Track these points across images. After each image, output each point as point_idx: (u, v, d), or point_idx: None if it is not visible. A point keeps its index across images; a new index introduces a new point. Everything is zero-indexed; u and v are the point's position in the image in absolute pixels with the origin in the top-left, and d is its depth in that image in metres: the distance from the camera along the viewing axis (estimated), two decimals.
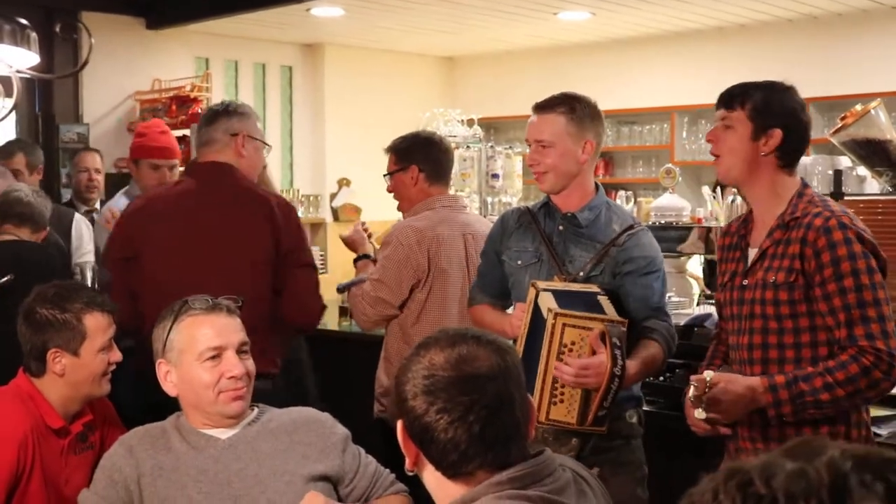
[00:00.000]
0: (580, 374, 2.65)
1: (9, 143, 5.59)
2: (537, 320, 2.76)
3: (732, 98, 2.66)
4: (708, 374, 2.50)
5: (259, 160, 3.63)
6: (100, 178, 5.73)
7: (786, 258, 2.58)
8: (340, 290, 4.12)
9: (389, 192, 3.99)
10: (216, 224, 3.39)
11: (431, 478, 1.73)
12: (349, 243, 4.14)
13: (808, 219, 2.56)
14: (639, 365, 2.80)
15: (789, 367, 2.57)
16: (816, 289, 2.53)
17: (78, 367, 2.72)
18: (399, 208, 4.02)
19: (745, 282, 2.67)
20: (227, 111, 3.58)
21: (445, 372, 1.66)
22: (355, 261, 4.06)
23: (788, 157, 2.66)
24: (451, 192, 4.24)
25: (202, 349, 2.43)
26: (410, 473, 1.77)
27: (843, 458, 0.91)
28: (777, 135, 2.61)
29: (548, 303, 2.70)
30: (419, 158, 3.87)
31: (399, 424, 1.72)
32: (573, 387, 2.68)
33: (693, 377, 2.54)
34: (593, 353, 2.66)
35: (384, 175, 3.98)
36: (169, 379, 2.47)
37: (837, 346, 2.52)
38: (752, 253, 2.69)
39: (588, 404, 2.70)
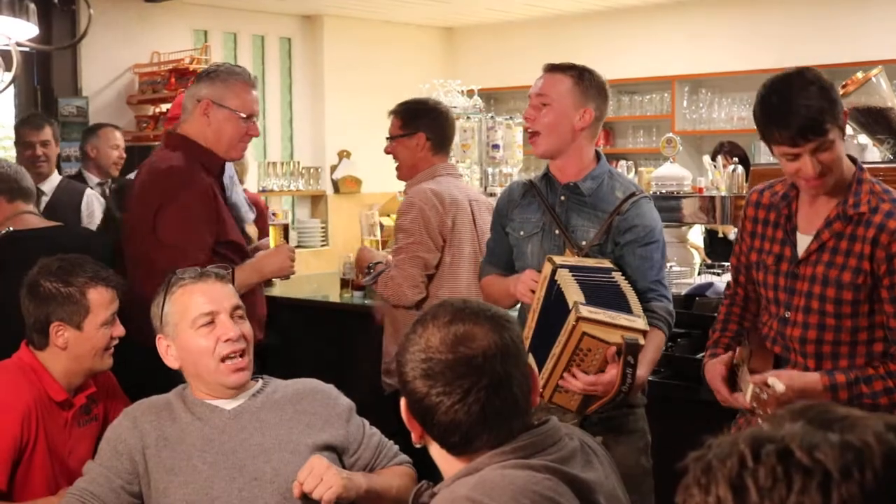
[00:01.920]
0: (587, 389, 2.66)
1: (37, 117, 5.64)
2: (556, 300, 2.73)
3: (819, 125, 2.43)
4: (777, 385, 2.40)
5: (228, 131, 3.35)
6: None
7: (852, 256, 2.51)
8: (368, 282, 4.09)
9: (388, 153, 3.99)
10: (132, 203, 3.49)
11: (437, 453, 1.74)
12: (358, 262, 4.18)
13: (880, 218, 2.49)
14: (646, 366, 2.80)
15: (843, 362, 2.54)
16: (884, 291, 2.49)
17: (80, 341, 2.73)
18: (398, 172, 4.02)
19: (798, 271, 2.59)
20: (200, 76, 3.44)
21: (442, 354, 1.65)
22: (369, 269, 4.02)
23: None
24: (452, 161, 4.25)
25: (195, 316, 2.44)
26: (418, 446, 1.78)
27: (886, 430, 0.91)
28: (843, 123, 2.51)
29: (573, 292, 2.66)
30: (427, 126, 3.87)
31: (402, 402, 1.73)
32: (580, 392, 2.69)
33: (756, 381, 2.44)
34: (605, 362, 2.65)
35: (387, 138, 3.98)
36: (170, 353, 2.49)
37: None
38: (804, 239, 2.61)
39: (590, 401, 2.72)
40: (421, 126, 3.88)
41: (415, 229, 3.76)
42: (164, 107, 7.50)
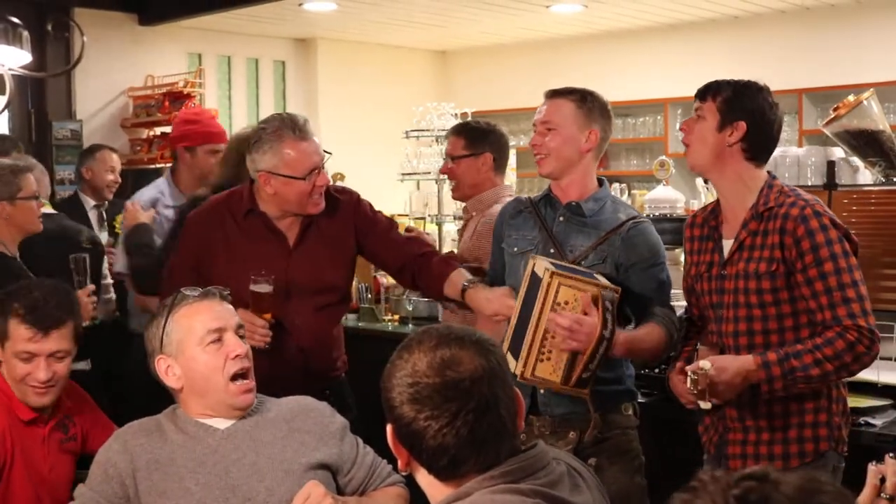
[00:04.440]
0: (573, 328, 2.64)
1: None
2: (533, 285, 2.77)
3: (706, 91, 2.84)
4: (706, 365, 2.57)
5: (293, 195, 3.16)
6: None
7: (765, 248, 2.72)
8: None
9: (443, 173, 4.07)
10: None
11: (424, 479, 1.74)
12: None
13: (784, 209, 2.71)
14: (635, 336, 2.83)
15: None
16: (798, 275, 2.68)
17: (5, 363, 2.79)
18: (457, 192, 4.06)
19: (725, 272, 2.79)
20: (251, 144, 3.23)
21: (430, 379, 1.66)
22: None
23: (755, 150, 2.78)
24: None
25: (203, 333, 2.43)
26: (404, 474, 1.78)
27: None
28: (741, 127, 2.74)
29: (544, 265, 2.73)
30: (493, 146, 3.92)
31: (389, 428, 1.73)
32: (563, 347, 2.67)
33: (690, 368, 2.62)
34: (585, 315, 2.67)
35: (450, 157, 4.00)
36: (171, 373, 2.46)
37: (821, 326, 2.66)
38: (728, 244, 2.82)
39: (574, 365, 2.69)
40: (487, 146, 3.93)
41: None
42: (159, 130, 7.52)
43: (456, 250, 4.35)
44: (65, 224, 4.45)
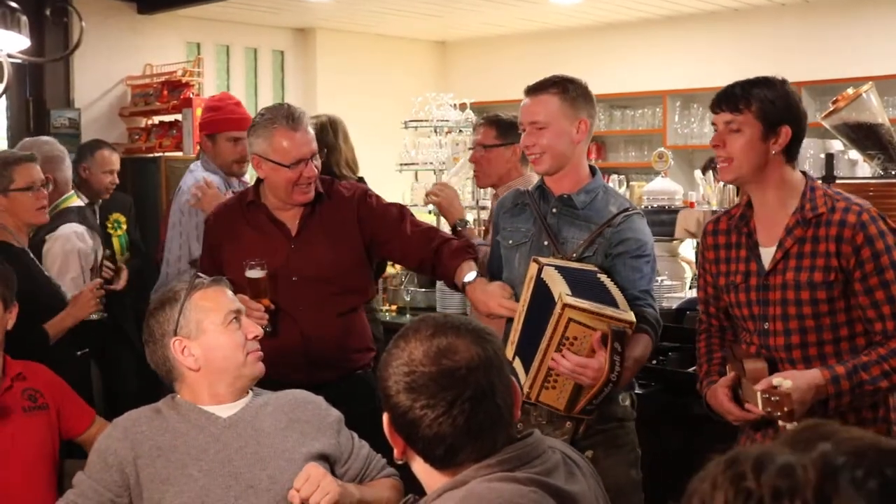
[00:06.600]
0: (576, 371, 2.63)
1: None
2: (543, 296, 2.74)
3: (734, 100, 2.63)
4: (786, 383, 2.43)
5: (279, 182, 3.27)
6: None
7: (819, 256, 2.58)
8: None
9: (473, 161, 4.05)
10: None
11: (420, 468, 1.74)
12: (441, 210, 3.98)
13: (839, 215, 2.57)
14: (632, 365, 2.78)
15: (832, 362, 2.58)
16: (857, 283, 2.56)
17: None
18: (483, 180, 4.09)
19: (768, 282, 2.65)
20: (249, 127, 3.40)
21: (425, 367, 1.66)
22: (454, 229, 3.84)
23: (793, 150, 2.65)
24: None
25: (225, 313, 2.50)
26: (400, 462, 1.78)
27: (836, 452, 0.89)
28: (786, 132, 2.60)
29: (559, 285, 2.67)
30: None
31: (385, 417, 1.73)
32: (567, 378, 2.67)
33: (761, 388, 2.46)
34: (593, 351, 2.64)
35: (481, 146, 4.00)
36: (189, 353, 2.47)
37: (881, 335, 2.57)
38: (767, 252, 2.67)
39: (578, 396, 2.70)
40: (518, 138, 3.92)
41: None
42: (157, 119, 7.50)
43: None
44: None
